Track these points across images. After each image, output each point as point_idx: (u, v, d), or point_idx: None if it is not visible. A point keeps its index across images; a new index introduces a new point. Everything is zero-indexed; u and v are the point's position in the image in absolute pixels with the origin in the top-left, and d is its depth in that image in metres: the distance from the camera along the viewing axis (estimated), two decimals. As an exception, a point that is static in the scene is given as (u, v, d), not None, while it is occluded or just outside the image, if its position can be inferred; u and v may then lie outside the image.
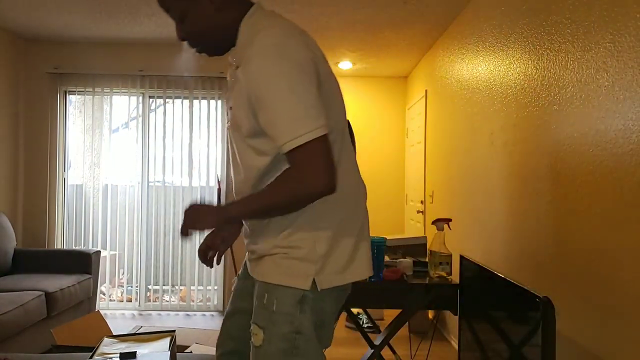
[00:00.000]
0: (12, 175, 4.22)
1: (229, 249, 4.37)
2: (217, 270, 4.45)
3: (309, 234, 1.13)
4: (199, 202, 1.16)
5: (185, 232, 1.14)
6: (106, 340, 1.58)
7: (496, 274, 1.79)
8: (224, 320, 1.39)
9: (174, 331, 1.62)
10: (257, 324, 1.15)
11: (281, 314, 1.12)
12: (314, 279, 1.12)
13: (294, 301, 1.12)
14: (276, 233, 1.16)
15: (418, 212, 4.77)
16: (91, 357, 1.46)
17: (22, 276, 3.50)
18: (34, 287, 3.21)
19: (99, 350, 1.51)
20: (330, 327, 1.21)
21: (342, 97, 1.22)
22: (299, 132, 1.02)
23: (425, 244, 2.68)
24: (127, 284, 4.56)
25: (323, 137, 1.03)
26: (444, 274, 2.23)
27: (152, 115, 4.51)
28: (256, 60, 1.05)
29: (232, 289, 1.42)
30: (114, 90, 4.41)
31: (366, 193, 1.26)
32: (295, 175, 1.05)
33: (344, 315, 4.27)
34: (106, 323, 2.78)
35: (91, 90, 4.40)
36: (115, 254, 4.50)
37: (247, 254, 1.32)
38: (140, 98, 4.47)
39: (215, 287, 4.49)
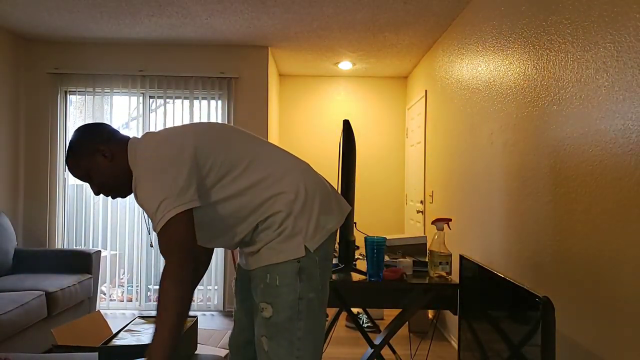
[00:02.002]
0: (13, 175, 4.22)
1: (230, 251, 4.37)
2: (218, 270, 4.45)
3: (290, 217, 1.37)
4: None
5: None
6: (137, 320, 1.78)
7: (496, 274, 1.79)
8: (234, 314, 1.60)
9: (195, 317, 1.73)
10: (265, 301, 1.35)
11: (284, 286, 1.34)
12: (305, 246, 1.35)
13: (293, 273, 1.34)
14: (267, 231, 1.38)
15: (418, 212, 4.77)
16: (119, 331, 1.64)
17: (23, 276, 3.50)
18: (35, 287, 3.22)
19: (128, 327, 1.70)
20: (327, 287, 1.45)
21: (242, 134, 1.46)
22: (157, 217, 1.26)
23: (425, 244, 2.68)
24: (128, 283, 4.57)
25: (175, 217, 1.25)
26: (443, 273, 2.23)
27: (152, 115, 4.52)
28: (136, 183, 1.32)
29: (234, 291, 1.64)
30: (114, 91, 4.41)
31: (309, 165, 1.50)
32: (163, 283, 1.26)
33: (344, 315, 4.27)
34: (107, 323, 2.78)
35: (91, 90, 4.40)
36: (116, 254, 4.50)
37: (243, 257, 1.52)
38: (141, 98, 4.47)
39: (216, 287, 4.49)
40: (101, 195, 4.41)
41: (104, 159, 1.40)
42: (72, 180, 4.48)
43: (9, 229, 3.71)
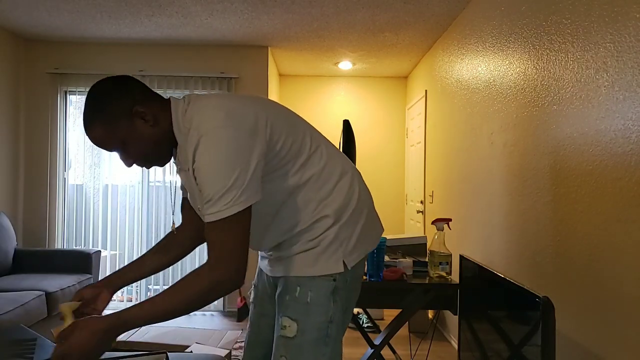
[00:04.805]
0: (13, 175, 4.22)
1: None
2: (217, 270, 4.45)
3: (335, 226, 1.20)
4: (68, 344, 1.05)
5: None
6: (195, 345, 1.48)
7: (496, 274, 1.79)
8: (249, 326, 1.44)
9: (164, 352, 1.48)
10: (289, 317, 1.19)
11: (316, 305, 1.18)
12: (343, 261, 1.20)
13: (328, 292, 1.19)
14: (306, 235, 1.21)
15: (418, 212, 4.77)
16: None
17: (23, 276, 3.50)
18: (35, 287, 3.22)
19: None
20: (351, 311, 1.30)
21: (298, 117, 1.27)
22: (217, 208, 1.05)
23: (425, 244, 2.68)
24: (127, 283, 4.56)
25: (238, 213, 1.06)
26: (443, 273, 2.23)
27: (152, 115, 4.52)
28: (198, 155, 1.07)
29: (251, 299, 1.46)
30: (114, 90, 4.41)
31: (359, 172, 1.33)
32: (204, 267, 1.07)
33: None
34: (106, 323, 2.78)
35: (91, 90, 4.40)
36: (116, 254, 4.50)
37: (266, 261, 1.35)
38: (141, 98, 4.47)
39: (216, 287, 4.49)
40: (101, 194, 4.44)
41: (144, 124, 1.13)
42: (72, 180, 4.48)
43: (9, 229, 3.71)
